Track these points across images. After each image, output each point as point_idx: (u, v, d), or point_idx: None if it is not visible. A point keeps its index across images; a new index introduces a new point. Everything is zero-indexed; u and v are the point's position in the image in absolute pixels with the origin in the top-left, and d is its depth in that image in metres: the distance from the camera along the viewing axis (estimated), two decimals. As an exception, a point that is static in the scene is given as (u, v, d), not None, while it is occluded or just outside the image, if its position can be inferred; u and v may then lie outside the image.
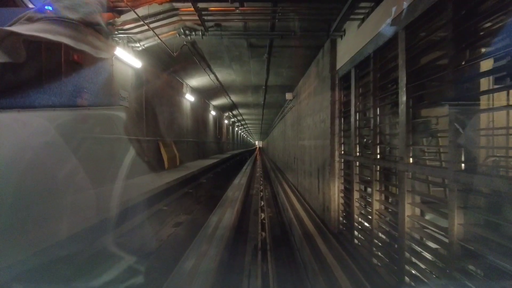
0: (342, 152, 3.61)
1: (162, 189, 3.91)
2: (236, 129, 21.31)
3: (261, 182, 9.07)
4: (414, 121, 2.04)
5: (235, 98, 9.11)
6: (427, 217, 2.13)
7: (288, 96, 7.16)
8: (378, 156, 2.56)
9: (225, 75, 6.18)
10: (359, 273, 2.47)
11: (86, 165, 2.91)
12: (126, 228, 3.17)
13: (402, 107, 2.08)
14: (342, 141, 3.61)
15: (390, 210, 2.41)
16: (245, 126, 23.49)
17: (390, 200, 2.48)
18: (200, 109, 8.50)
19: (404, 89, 2.05)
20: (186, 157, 6.67)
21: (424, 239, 1.93)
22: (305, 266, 3.26)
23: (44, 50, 2.75)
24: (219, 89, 7.45)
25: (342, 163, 3.56)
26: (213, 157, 9.61)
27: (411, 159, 2.01)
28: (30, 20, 2.54)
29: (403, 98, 2.06)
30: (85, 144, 2.93)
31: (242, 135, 32.61)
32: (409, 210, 2.02)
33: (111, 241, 2.73)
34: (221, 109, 11.48)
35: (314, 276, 2.84)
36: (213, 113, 10.20)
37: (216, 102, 9.64)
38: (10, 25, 2.43)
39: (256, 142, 53.42)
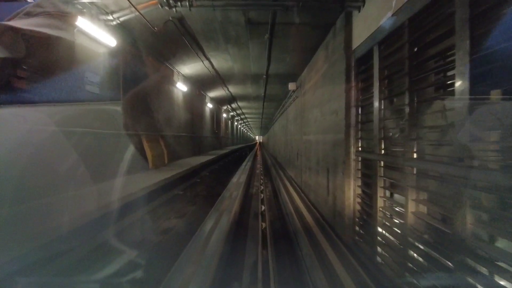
0: (360, 148, 3.01)
1: (121, 204, 2.88)
2: (236, 123, 20.66)
3: (262, 180, 8.47)
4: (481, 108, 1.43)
5: (233, 89, 8.45)
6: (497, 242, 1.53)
7: (291, 86, 6.51)
8: (416, 156, 1.96)
9: (221, 61, 5.53)
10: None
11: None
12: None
13: (463, 88, 1.46)
14: (360, 135, 3.00)
15: (434, 227, 1.81)
16: (244, 120, 22.83)
17: (435, 215, 1.88)
18: (195, 101, 7.85)
19: (468, 60, 1.43)
20: (179, 154, 6.07)
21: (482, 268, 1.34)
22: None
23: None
24: (216, 79, 6.80)
25: (360, 162, 2.96)
26: (211, 153, 9.01)
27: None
28: (28, 14, 2.52)
29: (463, 74, 1.45)
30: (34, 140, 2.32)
31: (242, 130, 31.98)
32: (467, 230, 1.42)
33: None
34: (219, 102, 10.81)
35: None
36: (210, 106, 9.54)
37: (213, 93, 8.97)
38: (9, 20, 2.42)
39: (257, 137, 53.25)
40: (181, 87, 6.20)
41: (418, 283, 1.82)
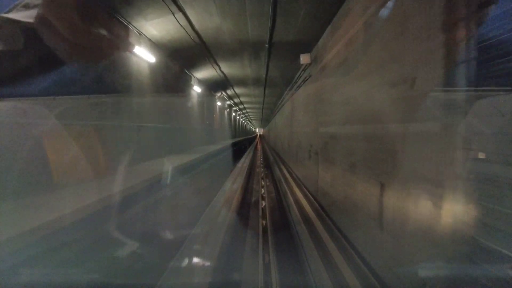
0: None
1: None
2: (234, 114, 18.86)
3: (264, 194, 5.90)
4: None
5: (226, 67, 6.65)
6: None
7: (304, 59, 4.75)
8: None
9: (202, 14, 3.76)
10: None
11: None
12: None
13: None
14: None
15: None
16: (243, 111, 21.04)
17: None
18: (172, 79, 5.92)
19: None
20: (139, 154, 4.29)
21: None
22: None
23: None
24: (199, 48, 5.02)
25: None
26: (197, 150, 7.16)
27: None
28: (27, 7, 2.46)
29: None
30: None
31: (242, 122, 30.17)
32: None
33: None
34: (210, 86, 8.96)
35: None
36: (196, 89, 7.66)
37: (201, 73, 7.14)
38: (7, 12, 2.40)
39: (257, 130, 52.14)
40: (144, 54, 4.38)
41: None
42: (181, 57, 5.64)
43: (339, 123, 3.37)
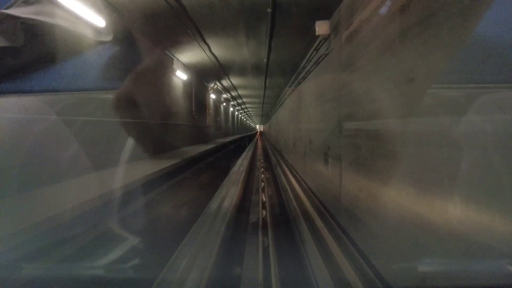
0: None
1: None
2: (232, 109, 17.53)
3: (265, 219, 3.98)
4: None
5: (217, 49, 5.31)
6: None
7: (321, 28, 3.44)
8: None
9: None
10: None
11: None
12: None
13: None
14: None
15: None
16: (243, 107, 19.73)
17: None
18: (144, 57, 4.44)
19: None
20: (76, 164, 2.80)
21: None
22: None
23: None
24: (177, 13, 3.69)
25: None
26: (179, 151, 5.69)
27: None
28: (27, 2, 2.51)
29: None
30: None
31: (241, 118, 28.85)
32: None
33: None
34: (201, 74, 7.55)
35: None
36: (181, 75, 6.23)
37: (187, 56, 5.76)
38: (7, 8, 2.42)
39: (257, 126, 51.40)
40: (91, 18, 2.99)
41: None
42: (154, 27, 4.28)
43: (388, 114, 2.07)
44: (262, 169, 8.67)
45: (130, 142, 4.07)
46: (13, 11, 2.37)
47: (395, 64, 1.95)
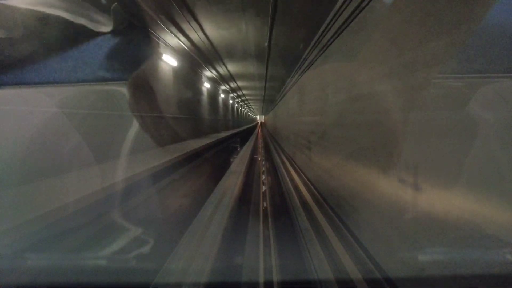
0: None
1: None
2: (231, 101, 17.43)
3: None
4: None
5: (208, 24, 4.76)
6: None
7: None
8: None
9: None
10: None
11: None
12: None
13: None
14: None
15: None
16: (242, 98, 19.59)
17: None
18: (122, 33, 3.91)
19: None
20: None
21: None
22: None
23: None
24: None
25: None
26: (164, 149, 5.13)
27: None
28: None
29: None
30: None
31: (242, 110, 28.65)
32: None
33: None
34: (191, 60, 7.15)
35: None
36: (169, 60, 5.72)
37: (174, 37, 5.17)
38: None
39: (258, 117, 51.22)
40: None
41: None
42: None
43: (390, 104, 2.05)
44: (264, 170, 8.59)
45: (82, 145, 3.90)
46: (11, 2, 2.41)
47: (397, 54, 1.92)
